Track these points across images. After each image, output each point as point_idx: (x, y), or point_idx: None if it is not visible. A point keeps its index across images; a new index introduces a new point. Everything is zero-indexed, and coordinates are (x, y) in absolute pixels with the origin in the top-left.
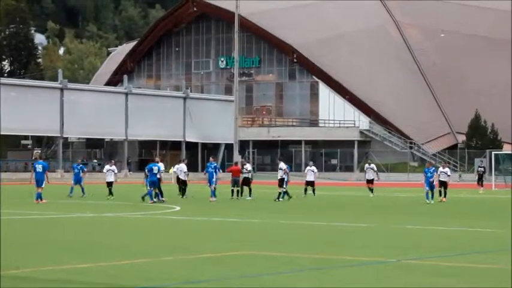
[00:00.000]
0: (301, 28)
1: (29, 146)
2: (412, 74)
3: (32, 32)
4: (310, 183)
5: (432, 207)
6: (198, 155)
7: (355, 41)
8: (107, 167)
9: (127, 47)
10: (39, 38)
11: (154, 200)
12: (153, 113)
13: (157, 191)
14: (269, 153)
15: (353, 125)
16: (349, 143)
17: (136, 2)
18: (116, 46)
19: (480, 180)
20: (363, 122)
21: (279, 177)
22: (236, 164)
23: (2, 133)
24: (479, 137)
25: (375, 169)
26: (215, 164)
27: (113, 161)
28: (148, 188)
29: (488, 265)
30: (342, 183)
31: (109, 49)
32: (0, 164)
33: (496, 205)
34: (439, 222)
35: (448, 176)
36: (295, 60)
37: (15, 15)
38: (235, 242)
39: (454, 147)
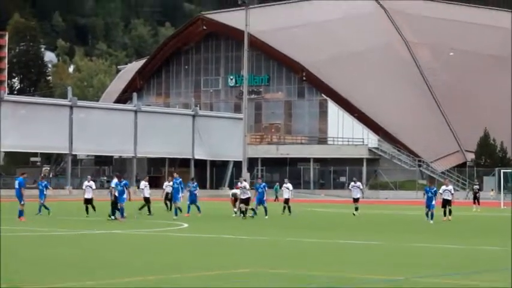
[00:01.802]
0: (310, 46)
1: (38, 163)
2: (421, 92)
3: (42, 49)
4: (286, 201)
5: (440, 225)
6: (207, 172)
7: (364, 60)
8: (85, 183)
9: (136, 65)
10: (49, 56)
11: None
12: (162, 130)
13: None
14: (278, 170)
15: (362, 143)
16: (357, 161)
17: (146, 21)
18: (126, 64)
19: (475, 198)
20: (372, 139)
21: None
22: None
23: (11, 150)
24: (488, 155)
25: (361, 187)
26: (180, 180)
27: (89, 177)
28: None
29: (489, 283)
30: (351, 201)
31: (118, 67)
32: (5, 180)
33: (500, 223)
34: (447, 240)
35: (452, 194)
36: (304, 78)
37: (26, 33)
38: (244, 259)
39: (463, 165)
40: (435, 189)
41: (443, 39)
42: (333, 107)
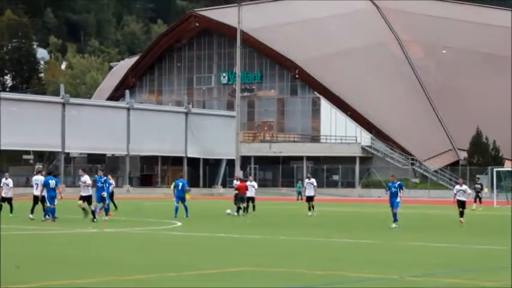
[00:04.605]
0: (303, 44)
1: (31, 161)
2: (413, 90)
3: (34, 46)
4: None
5: (435, 223)
6: (200, 170)
7: (357, 58)
8: (3, 180)
9: (129, 62)
10: (42, 53)
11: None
12: (155, 128)
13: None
14: (271, 169)
15: (355, 141)
16: (350, 159)
17: (139, 17)
18: (118, 61)
19: (477, 197)
20: (365, 138)
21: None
22: (242, 180)
23: (3, 148)
24: (481, 154)
25: (315, 184)
26: (105, 178)
27: (7, 174)
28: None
29: (489, 282)
30: (344, 200)
31: (111, 64)
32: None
33: (497, 222)
34: (441, 239)
35: (468, 194)
36: (297, 76)
37: (18, 30)
38: (238, 257)
39: (456, 163)
40: (400, 183)
41: (436, 37)
42: (325, 105)
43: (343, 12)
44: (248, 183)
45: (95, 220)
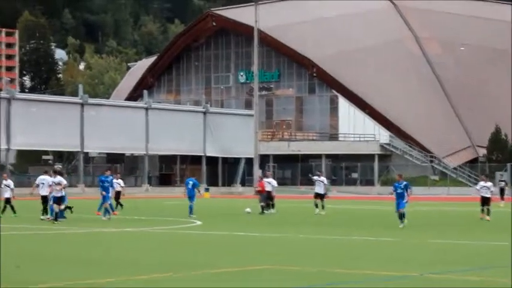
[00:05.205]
0: (320, 42)
1: (50, 161)
2: (431, 87)
3: (53, 47)
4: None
5: (455, 220)
6: (219, 169)
7: (375, 55)
8: (4, 181)
9: (147, 62)
10: (60, 54)
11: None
12: (173, 127)
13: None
14: (289, 167)
15: (373, 139)
16: (369, 157)
17: (156, 17)
18: (136, 61)
19: (502, 193)
20: (383, 135)
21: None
22: (262, 178)
23: (23, 148)
24: (500, 151)
25: (325, 182)
26: (111, 178)
27: (5, 175)
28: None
29: (508, 280)
30: (363, 197)
31: (129, 64)
32: (18, 178)
33: None
34: (461, 236)
35: (491, 191)
36: (314, 74)
37: (36, 31)
38: (258, 256)
39: (475, 160)
40: (406, 183)
41: (454, 34)
42: (343, 103)
43: (360, 10)
44: (264, 179)
45: (56, 221)
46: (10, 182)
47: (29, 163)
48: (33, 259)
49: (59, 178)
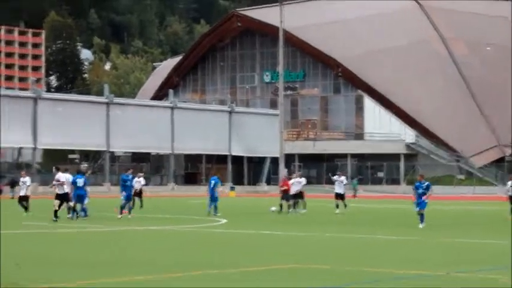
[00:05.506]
0: (345, 42)
1: (76, 161)
2: (457, 87)
3: (79, 47)
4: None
5: (480, 219)
6: (244, 168)
7: (400, 55)
8: (21, 179)
9: (172, 62)
10: (86, 54)
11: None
12: (199, 127)
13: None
14: (315, 166)
15: (399, 138)
16: (395, 156)
17: (181, 18)
18: (161, 61)
19: None
20: (409, 135)
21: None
22: (287, 179)
23: (49, 147)
24: None
25: (344, 182)
26: (131, 177)
27: (23, 172)
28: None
29: None
30: (389, 196)
31: (154, 64)
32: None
33: None
34: (486, 235)
35: None
36: (339, 74)
37: (62, 31)
38: (283, 255)
39: (501, 160)
40: (428, 183)
41: (480, 34)
42: (369, 103)
43: (385, 10)
44: (292, 180)
45: (55, 219)
46: (27, 179)
47: (55, 162)
48: (48, 260)
49: (58, 175)
